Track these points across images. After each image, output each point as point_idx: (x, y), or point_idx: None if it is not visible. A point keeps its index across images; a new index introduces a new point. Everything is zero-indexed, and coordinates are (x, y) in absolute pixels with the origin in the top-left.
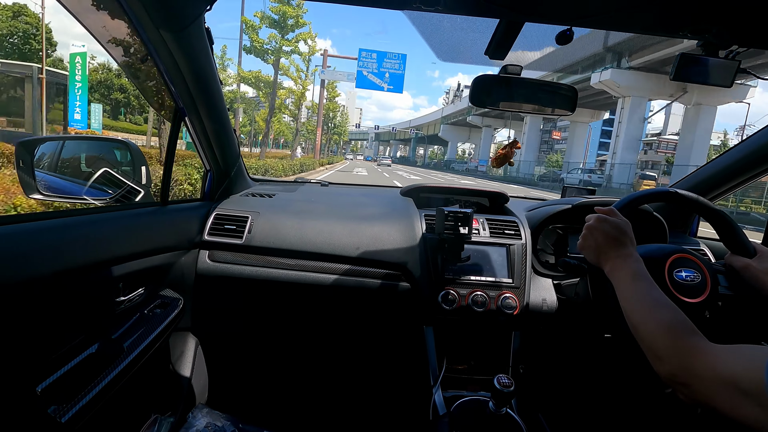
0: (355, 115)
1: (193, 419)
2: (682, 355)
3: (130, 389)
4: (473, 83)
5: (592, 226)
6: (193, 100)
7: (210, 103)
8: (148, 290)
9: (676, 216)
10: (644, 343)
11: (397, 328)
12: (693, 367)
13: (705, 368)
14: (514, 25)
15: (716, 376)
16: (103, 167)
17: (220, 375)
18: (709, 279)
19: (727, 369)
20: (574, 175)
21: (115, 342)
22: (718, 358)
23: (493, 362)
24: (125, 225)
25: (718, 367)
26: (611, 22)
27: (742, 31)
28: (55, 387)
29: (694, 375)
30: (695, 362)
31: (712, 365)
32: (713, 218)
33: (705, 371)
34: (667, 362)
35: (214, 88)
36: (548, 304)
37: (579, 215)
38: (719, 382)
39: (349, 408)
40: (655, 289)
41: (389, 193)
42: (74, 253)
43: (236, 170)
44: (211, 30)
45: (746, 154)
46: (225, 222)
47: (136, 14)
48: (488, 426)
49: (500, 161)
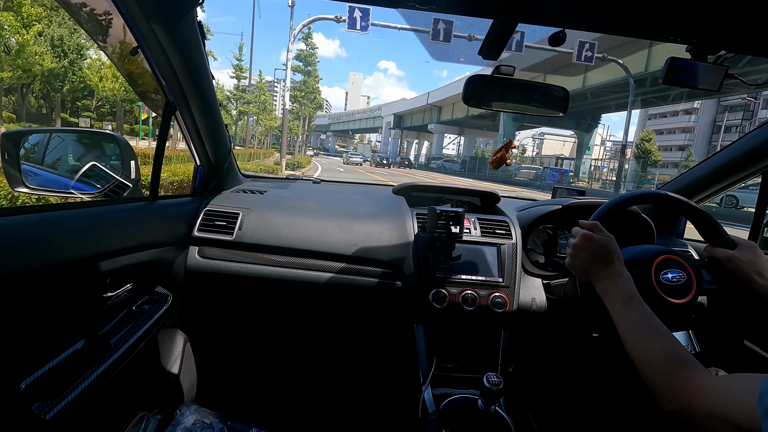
0: (361, 103)
1: (180, 416)
2: (679, 393)
3: (117, 386)
4: (466, 83)
5: (578, 245)
6: (184, 95)
7: (201, 98)
8: (136, 286)
9: (664, 219)
10: (643, 376)
11: (388, 326)
12: (691, 406)
13: (702, 406)
14: (507, 26)
15: (713, 413)
16: (90, 161)
17: (209, 372)
18: (694, 277)
19: (722, 405)
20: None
21: (102, 338)
22: (712, 394)
23: (482, 361)
24: (113, 220)
25: (713, 404)
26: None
27: (730, 37)
28: (40, 383)
29: (693, 414)
30: (692, 402)
31: (708, 403)
32: (691, 214)
33: (702, 409)
34: (667, 400)
35: (206, 83)
36: (537, 304)
37: (569, 216)
38: (717, 420)
39: (339, 405)
40: (648, 314)
41: (381, 191)
42: (60, 248)
43: (227, 166)
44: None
45: (732, 158)
46: (215, 218)
47: (127, 6)
48: (477, 424)
49: (497, 163)
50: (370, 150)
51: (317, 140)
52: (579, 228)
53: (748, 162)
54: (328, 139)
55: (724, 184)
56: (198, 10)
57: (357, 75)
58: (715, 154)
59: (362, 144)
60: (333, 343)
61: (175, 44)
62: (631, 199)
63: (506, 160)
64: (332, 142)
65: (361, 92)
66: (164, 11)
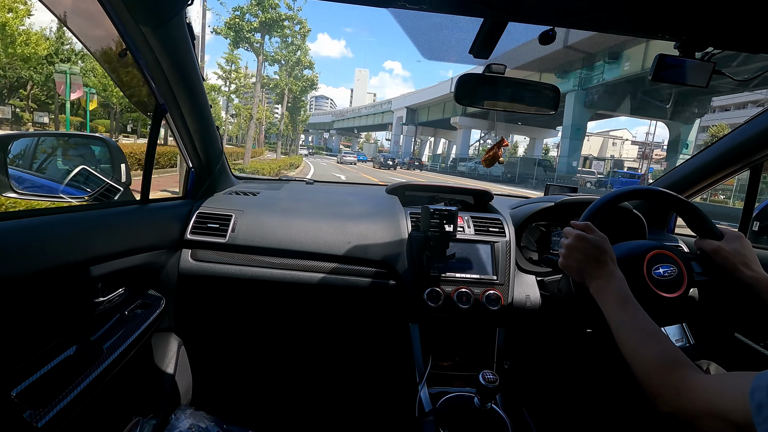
0: (367, 100)
1: (176, 421)
2: (675, 394)
3: (110, 391)
4: (458, 82)
5: (572, 245)
6: (175, 97)
7: (192, 100)
8: (128, 290)
9: (655, 214)
10: (639, 378)
11: (383, 326)
12: (687, 407)
13: (698, 406)
14: (497, 24)
15: (709, 412)
16: (80, 165)
17: (205, 375)
18: (685, 271)
19: (716, 403)
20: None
21: (94, 344)
22: (707, 392)
23: (478, 358)
24: (104, 224)
25: (709, 403)
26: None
27: (717, 34)
28: (31, 391)
29: (690, 413)
30: (688, 402)
31: (703, 402)
32: (679, 208)
33: (698, 408)
34: (664, 402)
35: (196, 84)
36: (532, 301)
37: (561, 213)
38: (713, 417)
39: (336, 407)
40: (641, 315)
41: (375, 191)
42: (50, 253)
43: (219, 168)
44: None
45: (721, 153)
46: (208, 220)
47: (115, 8)
48: (473, 421)
49: (490, 161)
50: (376, 150)
51: (319, 139)
52: (571, 228)
53: (736, 157)
54: (331, 138)
55: (713, 179)
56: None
57: (363, 71)
58: (704, 150)
59: (368, 143)
60: (329, 344)
61: (164, 46)
62: (622, 195)
63: (499, 158)
64: (336, 141)
65: (367, 90)
66: (153, 13)
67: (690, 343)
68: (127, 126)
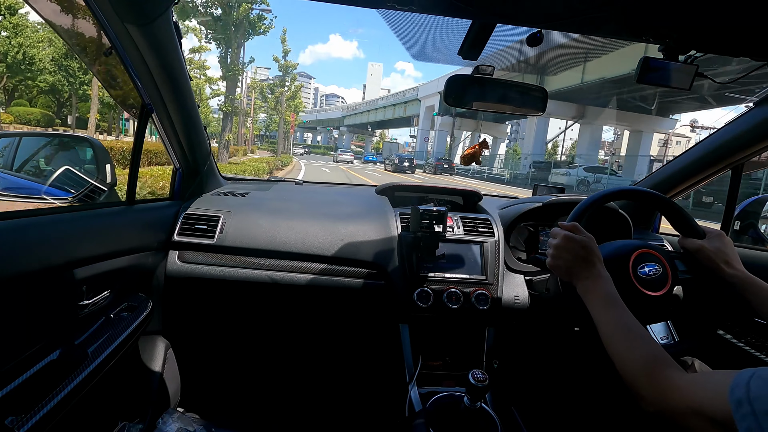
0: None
1: (163, 425)
2: (660, 393)
3: (95, 396)
4: (446, 84)
5: (560, 245)
6: (161, 96)
7: (179, 99)
8: (114, 293)
9: (640, 214)
10: (624, 378)
11: (373, 326)
12: (671, 405)
13: (681, 404)
14: (486, 26)
15: (692, 410)
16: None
17: (193, 378)
18: (669, 269)
19: (699, 401)
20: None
21: (79, 347)
22: (689, 390)
23: (467, 358)
24: (89, 225)
25: (691, 401)
26: (578, 26)
27: (700, 38)
28: (13, 397)
29: (674, 412)
30: (671, 401)
31: (686, 400)
32: (663, 207)
33: (682, 407)
34: (648, 402)
35: (183, 84)
36: (520, 300)
37: (549, 213)
38: (696, 415)
39: (326, 407)
40: (627, 315)
41: (364, 192)
42: (33, 256)
43: (207, 168)
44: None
45: (703, 154)
46: (195, 222)
47: (101, 6)
48: (463, 420)
49: (467, 159)
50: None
51: (329, 138)
52: (559, 229)
53: (718, 158)
54: (342, 136)
55: (696, 179)
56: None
57: (377, 65)
58: (687, 151)
59: (387, 142)
60: (318, 345)
61: (150, 45)
62: (607, 195)
63: (477, 158)
64: (347, 139)
65: (380, 85)
66: (139, 11)
67: (675, 340)
68: (66, 118)
